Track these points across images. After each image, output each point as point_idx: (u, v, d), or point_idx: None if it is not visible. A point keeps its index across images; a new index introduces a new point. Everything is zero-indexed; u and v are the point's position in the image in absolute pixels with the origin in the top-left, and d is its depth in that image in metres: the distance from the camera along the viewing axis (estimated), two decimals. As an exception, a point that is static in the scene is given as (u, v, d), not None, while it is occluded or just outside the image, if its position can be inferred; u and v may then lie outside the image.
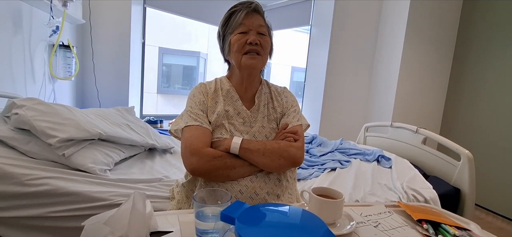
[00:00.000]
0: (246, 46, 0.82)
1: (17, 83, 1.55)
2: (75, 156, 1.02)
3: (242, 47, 0.83)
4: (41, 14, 1.65)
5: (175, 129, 0.85)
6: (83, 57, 2.15)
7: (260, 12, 0.86)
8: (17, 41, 1.51)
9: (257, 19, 0.84)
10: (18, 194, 0.87)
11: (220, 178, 0.78)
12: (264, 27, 0.86)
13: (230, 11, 0.86)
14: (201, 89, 0.89)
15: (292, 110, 0.91)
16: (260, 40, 0.83)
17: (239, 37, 0.83)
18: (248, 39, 0.82)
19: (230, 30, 0.85)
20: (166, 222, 0.61)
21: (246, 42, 0.82)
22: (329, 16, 2.53)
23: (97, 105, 2.17)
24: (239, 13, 0.83)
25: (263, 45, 0.84)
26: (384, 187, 1.29)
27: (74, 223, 0.89)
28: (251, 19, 0.83)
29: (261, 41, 0.84)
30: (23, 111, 1.00)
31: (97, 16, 2.12)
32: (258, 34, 0.84)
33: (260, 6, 0.87)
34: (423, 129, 1.68)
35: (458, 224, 0.71)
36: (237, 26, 0.83)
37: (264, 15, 0.88)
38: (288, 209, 0.46)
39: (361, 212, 0.75)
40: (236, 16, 0.83)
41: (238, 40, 0.83)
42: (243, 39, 0.82)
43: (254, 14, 0.84)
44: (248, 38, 0.82)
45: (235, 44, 0.83)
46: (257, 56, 0.84)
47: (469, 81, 2.58)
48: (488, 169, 2.37)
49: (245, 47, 0.82)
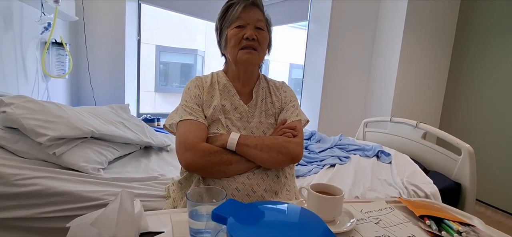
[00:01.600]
0: (243, 41, 0.80)
1: (9, 82, 1.51)
2: (67, 155, 0.99)
3: (239, 42, 0.80)
4: (32, 10, 1.60)
5: (170, 123, 0.83)
6: (77, 54, 2.11)
7: (259, 6, 0.83)
8: (7, 38, 1.47)
9: (255, 13, 0.81)
10: (6, 195, 0.84)
11: (216, 174, 0.75)
12: (262, 21, 0.83)
13: (228, 3, 0.83)
14: (196, 82, 0.86)
15: (291, 105, 0.89)
16: (257, 35, 0.80)
17: (236, 32, 0.80)
18: (245, 34, 0.79)
19: (227, 23, 0.82)
20: (158, 222, 0.58)
21: (243, 37, 0.79)
22: (327, 12, 2.50)
23: (92, 104, 2.14)
24: (237, 6, 0.80)
25: (260, 41, 0.82)
26: (384, 183, 1.27)
27: (66, 224, 0.86)
28: (249, 13, 0.80)
29: (258, 37, 0.81)
30: (11, 109, 0.97)
31: (90, 13, 2.08)
32: (256, 29, 0.81)
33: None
34: (422, 124, 1.66)
35: (461, 219, 0.69)
36: (234, 20, 0.80)
37: (263, 9, 0.85)
38: (284, 207, 0.43)
39: (362, 208, 0.72)
40: (233, 10, 0.80)
41: (235, 35, 0.80)
42: (240, 34, 0.80)
43: (253, 7, 0.81)
44: (245, 33, 0.79)
45: (231, 39, 0.81)
46: (253, 51, 0.81)
47: (468, 76, 2.56)
48: (487, 164, 2.36)
49: (241, 42, 0.80)
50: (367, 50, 2.66)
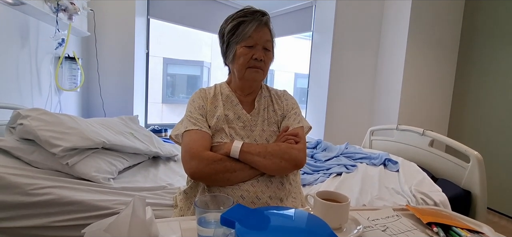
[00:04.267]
0: (251, 61, 0.83)
1: (24, 95, 1.57)
2: (79, 165, 1.03)
3: (247, 62, 0.83)
4: (47, 27, 1.68)
5: (176, 134, 0.85)
6: (88, 68, 2.18)
7: (268, 25, 0.86)
8: (24, 54, 1.54)
9: (265, 33, 0.84)
10: (22, 204, 0.87)
11: (221, 182, 0.77)
12: (270, 42, 0.86)
13: (239, 19, 0.83)
14: (200, 94, 0.89)
15: (293, 112, 0.90)
16: (264, 56, 0.84)
17: (246, 52, 0.82)
18: (254, 54, 0.82)
19: (237, 39, 0.83)
20: (168, 229, 0.59)
21: (252, 57, 0.82)
22: (331, 21, 2.53)
23: (102, 115, 2.19)
24: (249, 25, 0.81)
25: (266, 61, 0.85)
26: (392, 191, 1.26)
27: (78, 232, 0.89)
28: (260, 33, 0.83)
29: (265, 58, 0.84)
30: (28, 121, 1.01)
31: (102, 28, 2.16)
32: (263, 49, 0.84)
33: (269, 18, 0.86)
34: (429, 131, 1.65)
35: (469, 227, 0.68)
36: (245, 38, 0.82)
37: (271, 27, 0.87)
38: (290, 212, 0.44)
39: (368, 216, 0.72)
40: (246, 27, 0.81)
41: (245, 55, 0.82)
42: (249, 54, 0.82)
43: (263, 27, 0.84)
44: (254, 54, 0.82)
45: (240, 57, 0.83)
46: (260, 70, 0.85)
47: (475, 81, 2.53)
48: (500, 171, 2.30)
49: (250, 62, 0.83)
50: (371, 58, 2.67)
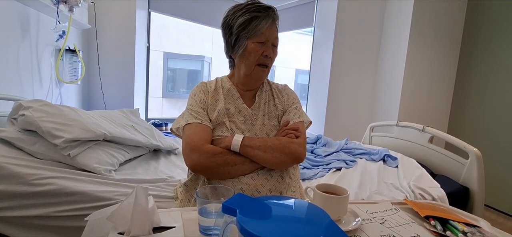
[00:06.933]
0: (261, 58, 0.83)
1: (25, 87, 1.58)
2: (80, 157, 1.03)
3: (258, 59, 0.83)
4: (48, 19, 1.68)
5: (177, 127, 0.86)
6: (89, 61, 2.18)
7: (276, 22, 0.86)
8: (24, 45, 1.54)
9: (275, 30, 0.85)
10: (24, 194, 0.88)
11: (221, 175, 0.78)
12: (277, 39, 0.87)
13: (252, 14, 0.81)
14: (201, 87, 0.89)
15: (293, 107, 0.91)
16: (272, 53, 0.85)
17: (258, 48, 0.82)
18: (264, 51, 0.83)
19: (249, 34, 0.81)
20: (170, 218, 0.60)
21: (262, 54, 0.83)
22: (332, 17, 2.52)
23: (103, 108, 2.20)
24: (263, 21, 0.81)
25: (272, 58, 0.86)
26: (391, 186, 1.27)
27: (79, 222, 0.90)
28: (271, 30, 0.83)
29: (272, 55, 0.85)
30: (29, 113, 1.02)
31: (102, 21, 2.15)
32: (272, 46, 0.85)
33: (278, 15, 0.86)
34: (429, 128, 1.66)
35: (466, 221, 0.69)
36: (258, 34, 0.81)
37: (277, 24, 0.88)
38: (291, 201, 0.45)
39: (367, 209, 0.73)
40: (259, 24, 0.81)
41: (256, 51, 0.82)
42: (260, 51, 0.82)
43: (274, 24, 0.84)
44: (264, 51, 0.83)
45: (252, 53, 0.82)
46: (266, 68, 0.86)
47: (476, 79, 2.53)
48: (499, 169, 2.32)
49: (260, 58, 0.83)
50: (373, 54, 2.67)
